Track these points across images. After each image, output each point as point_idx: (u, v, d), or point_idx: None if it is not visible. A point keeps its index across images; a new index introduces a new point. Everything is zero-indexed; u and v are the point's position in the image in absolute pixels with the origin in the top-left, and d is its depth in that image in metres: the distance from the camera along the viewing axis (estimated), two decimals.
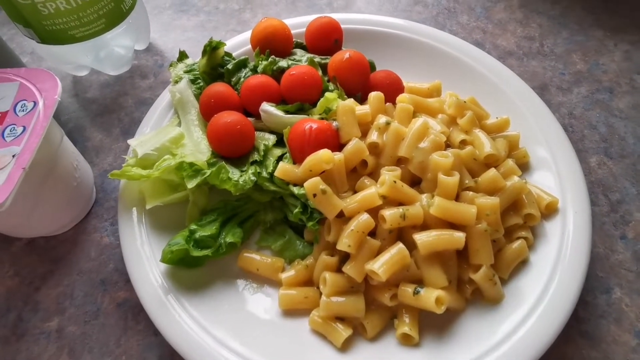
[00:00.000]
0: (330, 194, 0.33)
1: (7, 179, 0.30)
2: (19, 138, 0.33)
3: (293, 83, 0.40)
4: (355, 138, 0.36)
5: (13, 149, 0.32)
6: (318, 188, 0.32)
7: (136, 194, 0.37)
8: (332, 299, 0.32)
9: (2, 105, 0.35)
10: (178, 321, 0.31)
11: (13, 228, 0.37)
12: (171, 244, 0.33)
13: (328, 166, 0.33)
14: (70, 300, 0.38)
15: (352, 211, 0.33)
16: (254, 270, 0.35)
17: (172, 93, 0.42)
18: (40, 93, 0.35)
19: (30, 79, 0.36)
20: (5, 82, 0.36)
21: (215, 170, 0.35)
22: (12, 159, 0.32)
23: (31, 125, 0.33)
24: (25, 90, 0.36)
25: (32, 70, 0.37)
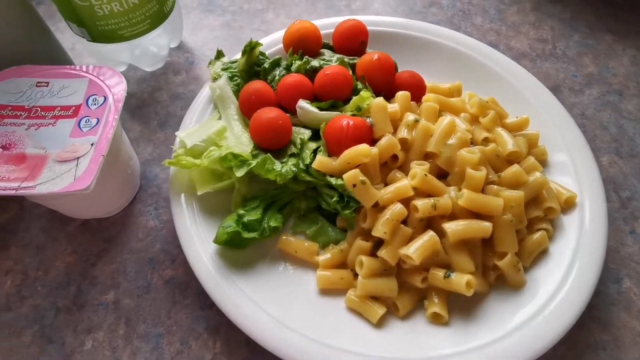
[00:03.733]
0: (368, 185, 0.34)
1: (89, 165, 0.32)
2: (94, 129, 0.35)
3: (327, 82, 0.41)
4: (388, 134, 0.37)
5: (91, 138, 0.34)
6: (358, 179, 0.34)
7: (185, 181, 0.38)
8: (368, 280, 0.33)
9: (76, 99, 0.37)
10: (230, 295, 0.33)
11: (77, 209, 0.39)
12: (224, 226, 0.34)
13: (366, 159, 0.34)
14: (124, 276, 0.39)
15: (387, 201, 0.34)
16: (292, 252, 0.37)
17: (213, 89, 0.43)
18: (109, 89, 0.37)
19: (98, 76, 0.38)
20: (76, 78, 0.38)
21: (261, 161, 0.36)
22: (91, 147, 0.33)
23: (104, 118, 0.35)
24: (94, 85, 0.37)
25: (98, 67, 0.39)
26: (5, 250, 0.40)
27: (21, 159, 0.33)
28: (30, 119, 0.35)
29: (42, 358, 0.35)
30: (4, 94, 0.36)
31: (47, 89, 0.37)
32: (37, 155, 0.33)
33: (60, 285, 0.39)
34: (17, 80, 0.37)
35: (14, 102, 0.36)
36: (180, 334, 0.36)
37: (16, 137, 0.34)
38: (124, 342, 0.36)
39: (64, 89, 0.37)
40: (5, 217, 0.43)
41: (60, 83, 0.37)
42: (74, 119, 0.35)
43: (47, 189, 0.31)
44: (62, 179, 0.31)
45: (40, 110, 0.36)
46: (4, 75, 0.37)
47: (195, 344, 0.36)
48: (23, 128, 0.35)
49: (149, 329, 0.36)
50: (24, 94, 0.36)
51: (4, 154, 0.33)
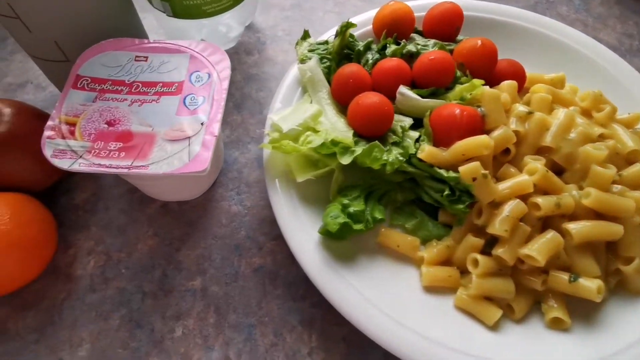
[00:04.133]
0: (489, 179, 0.32)
1: (203, 146, 0.30)
2: (201, 108, 0.33)
3: (431, 68, 0.38)
4: (503, 125, 0.34)
5: (199, 117, 0.32)
6: (479, 172, 0.31)
7: (280, 167, 0.36)
8: (485, 279, 0.31)
9: (178, 75, 0.35)
10: (339, 287, 0.31)
11: (165, 192, 0.37)
12: (332, 216, 0.32)
13: (487, 151, 0.32)
14: (209, 262, 0.37)
15: (504, 197, 0.32)
16: (394, 246, 0.35)
17: (303, 71, 0.41)
18: (213, 65, 0.35)
19: (200, 52, 0.36)
20: (176, 54, 0.36)
21: (368, 149, 0.34)
22: (201, 127, 0.31)
23: (210, 96, 0.33)
24: (196, 62, 0.35)
25: (197, 42, 0.37)
26: (86, 230, 0.39)
27: (128, 136, 0.31)
28: (132, 95, 0.33)
29: (131, 343, 0.34)
30: (103, 67, 0.35)
31: (147, 64, 0.35)
32: (144, 133, 0.32)
33: (145, 268, 0.37)
34: (114, 53, 0.36)
35: (114, 76, 0.34)
36: (272, 326, 0.35)
37: (120, 113, 0.33)
38: (215, 331, 0.34)
39: (163, 65, 0.35)
40: (82, 196, 0.41)
41: (159, 58, 0.36)
42: (178, 96, 0.33)
43: (161, 170, 0.29)
44: (176, 160, 0.30)
45: (141, 86, 0.34)
46: (101, 48, 0.36)
47: (289, 337, 0.34)
48: (126, 104, 0.33)
49: (240, 319, 0.35)
50: (123, 68, 0.35)
51: (110, 130, 0.31)
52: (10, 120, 0.36)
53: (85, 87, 0.34)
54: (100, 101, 0.33)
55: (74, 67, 0.35)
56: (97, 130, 0.32)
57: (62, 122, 0.32)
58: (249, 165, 0.43)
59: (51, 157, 0.30)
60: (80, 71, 0.35)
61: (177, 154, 0.30)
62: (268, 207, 0.40)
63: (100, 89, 0.34)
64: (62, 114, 0.32)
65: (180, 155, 0.30)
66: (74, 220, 0.40)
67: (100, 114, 0.33)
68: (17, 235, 0.33)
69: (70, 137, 0.31)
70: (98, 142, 0.31)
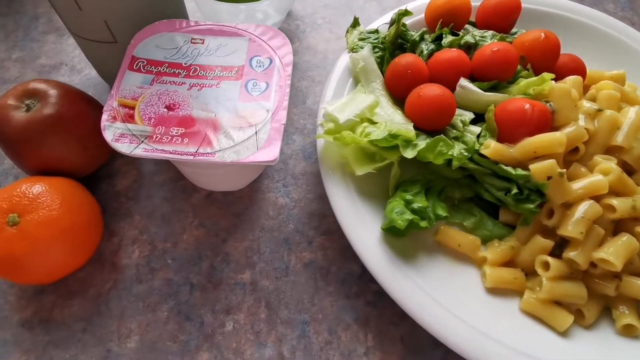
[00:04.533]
0: (565, 179, 0.30)
1: (270, 134, 0.29)
2: (264, 94, 0.31)
3: (493, 60, 0.37)
4: (574, 122, 0.33)
5: (264, 104, 0.31)
6: (555, 171, 0.30)
7: (336, 159, 0.35)
8: (556, 283, 0.30)
9: (237, 60, 0.33)
10: (404, 285, 0.30)
11: (215, 181, 0.36)
12: (397, 212, 0.31)
13: (561, 149, 0.31)
14: (258, 255, 0.36)
15: (577, 197, 0.31)
16: (454, 245, 0.33)
17: (355, 60, 0.39)
18: (274, 50, 0.33)
19: (259, 36, 0.34)
20: (235, 37, 0.34)
21: (432, 143, 0.33)
22: (267, 114, 0.30)
23: (273, 82, 0.32)
24: (256, 46, 0.34)
25: (255, 25, 0.35)
26: (129, 218, 0.38)
27: (190, 121, 0.30)
28: (191, 78, 0.32)
29: (181, 336, 0.33)
30: (158, 49, 0.33)
31: (203, 46, 0.34)
32: (206, 119, 0.30)
33: (192, 260, 0.36)
34: (170, 35, 0.34)
35: (170, 58, 0.33)
36: (327, 323, 0.33)
37: (179, 97, 0.31)
38: (267, 326, 0.33)
39: (221, 48, 0.34)
40: (124, 182, 0.40)
41: (217, 41, 0.34)
42: (240, 81, 0.32)
43: (228, 158, 0.28)
44: (244, 148, 0.28)
45: (199, 70, 0.33)
46: (155, 29, 0.34)
47: (344, 335, 0.33)
48: (184, 88, 0.32)
49: (293, 315, 0.34)
50: (179, 51, 0.33)
51: (170, 115, 0.30)
52: (57, 102, 0.35)
53: (141, 69, 0.33)
54: (158, 84, 0.32)
55: (129, 47, 0.34)
56: (157, 114, 0.31)
57: (120, 104, 0.31)
58: (294, 156, 0.42)
59: (112, 142, 0.29)
60: (135, 52, 0.33)
61: (244, 142, 0.29)
62: (316, 200, 0.39)
63: (157, 71, 0.33)
64: (119, 95, 0.31)
65: (247, 144, 0.29)
66: (117, 208, 0.38)
67: (158, 98, 0.31)
68: (68, 221, 0.32)
69: (130, 121, 0.30)
70: (159, 127, 0.30)
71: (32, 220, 0.31)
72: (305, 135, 0.43)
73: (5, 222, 0.30)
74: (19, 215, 0.31)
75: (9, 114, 0.34)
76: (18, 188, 0.32)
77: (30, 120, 0.33)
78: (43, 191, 0.32)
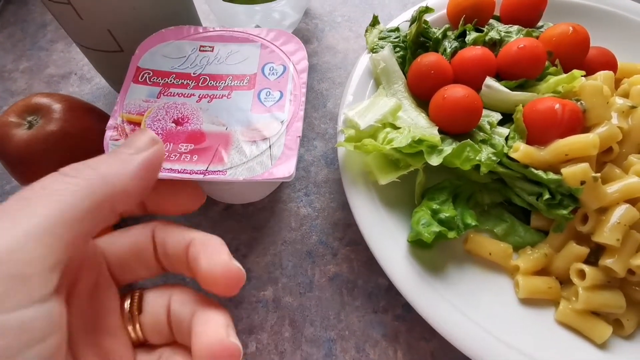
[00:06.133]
0: (599, 183, 0.31)
1: (285, 148, 0.29)
2: (278, 104, 0.31)
3: (520, 57, 0.37)
4: (607, 122, 0.34)
5: (278, 115, 0.31)
6: (589, 175, 0.31)
7: (358, 167, 0.36)
8: (593, 293, 0.31)
9: (249, 67, 0.33)
10: (432, 300, 0.31)
11: (232, 195, 0.37)
12: (423, 224, 0.32)
13: (594, 151, 0.32)
14: (281, 270, 0.38)
15: (613, 202, 0.32)
16: (485, 254, 0.34)
17: (376, 61, 0.40)
18: (287, 56, 0.34)
19: (272, 41, 0.34)
20: (245, 43, 0.34)
21: (459, 148, 0.33)
22: (281, 126, 0.30)
23: (288, 91, 0.32)
24: (269, 52, 0.34)
25: (268, 30, 0.35)
26: None
27: (199, 136, 0.30)
28: (200, 89, 0.32)
29: None
30: (165, 58, 0.34)
31: (213, 54, 0.34)
32: (217, 132, 0.30)
33: None
34: (177, 43, 0.34)
35: (178, 68, 0.33)
36: (354, 340, 0.35)
37: (188, 110, 0.31)
38: (291, 346, 0.34)
39: (232, 55, 0.34)
40: None
41: (227, 48, 0.34)
42: (252, 91, 0.32)
43: (241, 176, 0.28)
44: (257, 164, 0.28)
45: (209, 80, 0.33)
46: (162, 37, 0.34)
47: (373, 352, 0.34)
48: (194, 100, 0.32)
49: (318, 333, 0.35)
50: (187, 60, 0.34)
51: (178, 130, 0.30)
52: (62, 117, 0.35)
53: (147, 82, 0.33)
54: (165, 97, 0.32)
55: (133, 58, 0.34)
56: (164, 130, 0.31)
57: (124, 120, 0.31)
58: (316, 163, 0.43)
59: None
60: (140, 63, 0.34)
61: (258, 157, 0.29)
62: (340, 209, 0.40)
63: (164, 83, 0.33)
64: (123, 111, 0.31)
65: (261, 159, 0.29)
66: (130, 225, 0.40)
67: (166, 112, 0.31)
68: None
69: None
70: (167, 144, 0.30)
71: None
72: (327, 140, 0.44)
73: None
74: None
75: (10, 132, 0.34)
76: None
77: (32, 138, 0.34)
78: None
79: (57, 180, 0.18)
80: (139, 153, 0.22)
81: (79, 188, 0.18)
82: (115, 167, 0.20)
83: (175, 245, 0.23)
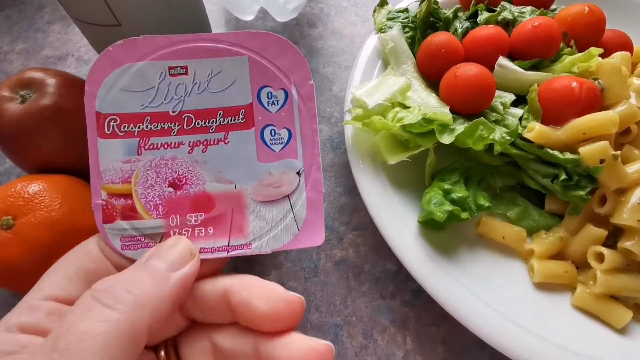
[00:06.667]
0: (619, 161, 0.31)
1: (309, 207, 0.25)
2: (289, 147, 0.26)
3: (534, 36, 0.37)
4: (625, 101, 0.33)
5: (291, 163, 0.25)
6: (609, 153, 0.30)
7: (365, 148, 0.36)
8: (612, 276, 0.30)
9: (241, 95, 0.25)
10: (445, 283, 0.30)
11: None
12: (435, 203, 0.31)
13: (613, 129, 0.31)
14: (284, 254, 0.37)
15: (633, 182, 0.31)
16: (498, 238, 0.34)
17: (384, 41, 0.40)
18: (285, 75, 0.26)
19: (259, 52, 0.25)
20: (227, 57, 0.25)
21: (472, 126, 0.33)
22: (298, 178, 0.26)
23: (296, 127, 0.26)
24: (260, 70, 0.25)
25: (248, 34, 0.25)
26: None
27: (207, 201, 0.25)
28: (188, 134, 0.25)
29: None
30: (128, 94, 0.25)
31: (188, 78, 0.25)
32: (226, 193, 0.25)
33: None
34: (137, 67, 0.25)
35: (150, 106, 0.25)
36: (361, 326, 0.34)
37: (183, 167, 0.25)
38: None
39: (214, 78, 0.25)
40: None
41: (204, 67, 0.25)
42: (252, 130, 0.25)
43: (269, 247, 0.25)
44: (283, 231, 0.25)
45: (195, 119, 0.25)
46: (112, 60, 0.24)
47: (381, 339, 0.33)
48: (184, 150, 0.25)
49: (324, 318, 0.34)
50: (158, 91, 0.25)
51: (179, 196, 0.25)
52: (56, 91, 0.34)
53: (117, 133, 0.24)
54: (147, 151, 0.25)
55: (86, 101, 0.24)
56: (162, 198, 0.25)
57: (110, 194, 0.24)
58: (321, 147, 0.42)
59: (123, 251, 0.24)
60: (98, 106, 0.24)
61: (281, 222, 0.25)
62: (346, 193, 0.39)
63: (140, 131, 0.25)
64: (104, 182, 0.24)
65: (286, 225, 0.25)
66: None
67: (156, 173, 0.25)
68: (69, 223, 0.31)
69: (132, 217, 0.24)
70: (172, 218, 0.25)
71: (29, 223, 0.30)
72: (332, 124, 0.43)
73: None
74: (13, 217, 0.30)
75: (2, 107, 0.33)
76: (12, 188, 0.31)
77: (25, 113, 0.33)
78: (41, 190, 0.31)
79: (96, 321, 0.18)
80: (175, 271, 0.21)
81: (122, 325, 0.18)
82: (151, 290, 0.20)
83: (212, 297, 0.22)
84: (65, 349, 0.17)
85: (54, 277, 0.22)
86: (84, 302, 0.19)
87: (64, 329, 0.18)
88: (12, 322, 0.20)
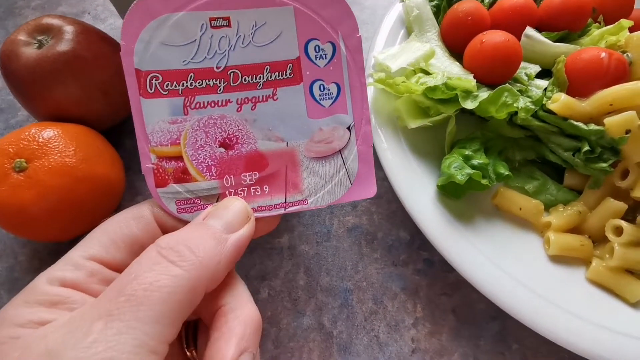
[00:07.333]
0: None
1: (360, 162, 0.26)
2: (338, 102, 0.26)
3: (563, 8, 0.37)
4: None
5: (341, 119, 0.26)
6: (635, 123, 0.31)
7: (386, 113, 0.36)
8: (630, 249, 0.31)
9: (287, 48, 0.25)
10: (465, 251, 0.30)
11: None
12: (455, 167, 0.32)
13: None
14: (297, 218, 0.37)
15: None
16: (515, 209, 0.34)
17: (409, 8, 0.40)
18: (332, 26, 0.25)
19: (304, 1, 0.25)
20: (271, 7, 0.24)
21: (496, 93, 0.33)
22: (348, 133, 0.26)
23: (345, 82, 0.26)
24: (307, 21, 0.25)
25: None
26: None
27: (260, 160, 0.25)
28: (235, 91, 0.24)
29: None
30: (168, 48, 0.23)
31: (232, 31, 0.24)
32: (278, 151, 0.25)
33: None
34: (175, 18, 0.23)
35: (192, 62, 0.24)
36: (372, 292, 0.34)
37: (233, 126, 0.25)
38: (306, 294, 0.34)
39: (258, 30, 0.24)
40: None
41: (247, 18, 0.24)
42: (301, 86, 0.25)
43: (324, 202, 0.26)
44: (337, 185, 0.26)
45: (241, 74, 0.24)
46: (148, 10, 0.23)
47: (391, 305, 0.34)
48: (232, 109, 0.25)
49: (335, 282, 0.35)
50: (200, 45, 0.24)
51: (231, 156, 0.25)
52: (74, 38, 0.34)
53: (160, 92, 0.24)
54: (194, 110, 0.24)
55: (123, 58, 0.23)
56: (214, 159, 0.25)
57: (160, 158, 0.24)
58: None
59: (180, 214, 0.24)
60: (137, 63, 0.23)
61: (335, 176, 0.26)
62: None
63: (185, 89, 0.24)
64: (152, 144, 0.24)
65: (339, 179, 0.26)
66: None
67: (205, 133, 0.24)
68: (84, 171, 0.31)
69: (186, 180, 0.24)
70: (226, 178, 0.25)
71: (42, 167, 0.30)
72: None
73: (12, 167, 0.30)
74: (26, 160, 0.30)
75: (19, 51, 0.33)
76: (26, 132, 0.31)
77: (42, 58, 0.33)
78: (55, 136, 0.31)
79: (162, 274, 0.19)
80: (232, 232, 0.22)
81: (185, 282, 0.19)
82: (211, 251, 0.21)
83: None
84: (131, 295, 0.18)
85: (102, 238, 0.22)
86: (149, 256, 0.20)
87: (130, 277, 0.19)
88: (55, 275, 0.21)
